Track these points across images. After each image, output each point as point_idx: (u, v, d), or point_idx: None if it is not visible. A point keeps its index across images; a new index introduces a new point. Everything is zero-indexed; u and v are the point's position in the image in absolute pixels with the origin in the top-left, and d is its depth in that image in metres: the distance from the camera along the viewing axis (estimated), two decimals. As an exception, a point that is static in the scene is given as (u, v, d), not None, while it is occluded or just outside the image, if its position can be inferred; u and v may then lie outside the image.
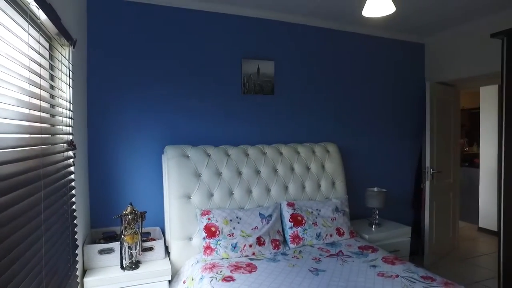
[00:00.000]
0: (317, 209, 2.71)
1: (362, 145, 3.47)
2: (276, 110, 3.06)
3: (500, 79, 2.50)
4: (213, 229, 2.32)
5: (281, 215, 2.64)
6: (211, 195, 2.53)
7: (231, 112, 2.89)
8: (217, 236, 2.30)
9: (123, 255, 2.08)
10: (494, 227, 4.64)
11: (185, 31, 2.73)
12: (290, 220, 2.58)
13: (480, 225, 4.81)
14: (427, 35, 3.68)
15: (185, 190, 2.44)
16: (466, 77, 3.45)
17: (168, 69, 2.69)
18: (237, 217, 2.42)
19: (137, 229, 2.14)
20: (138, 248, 2.15)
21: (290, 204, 2.67)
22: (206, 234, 2.31)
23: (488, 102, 4.72)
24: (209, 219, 2.36)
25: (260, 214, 2.51)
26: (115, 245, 2.11)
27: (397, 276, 1.96)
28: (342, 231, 2.66)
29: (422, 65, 3.83)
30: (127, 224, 2.10)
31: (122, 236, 2.07)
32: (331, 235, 2.60)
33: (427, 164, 3.47)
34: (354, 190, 3.21)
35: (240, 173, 2.65)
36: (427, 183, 3.47)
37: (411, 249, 3.15)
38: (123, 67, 2.56)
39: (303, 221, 2.57)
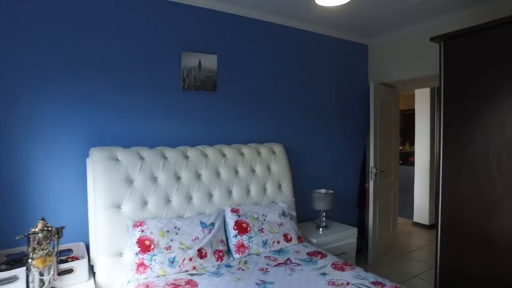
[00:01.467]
0: (263, 214, 2.54)
1: (308, 145, 3.39)
2: (219, 108, 2.83)
3: (439, 81, 2.56)
4: (147, 242, 2.03)
5: (224, 222, 2.43)
6: (145, 203, 2.22)
7: (169, 110, 2.60)
8: (152, 250, 2.01)
9: (31, 284, 1.70)
10: (426, 221, 4.93)
11: (117, 18, 2.38)
12: (235, 227, 2.38)
13: (415, 219, 5.08)
14: (371, 36, 3.72)
15: (114, 199, 2.11)
16: (407, 79, 3.55)
17: (95, 58, 2.32)
18: (175, 227, 2.16)
19: (51, 249, 1.77)
20: (52, 272, 1.78)
21: (234, 210, 2.47)
22: (139, 249, 2.01)
23: (421, 104, 5.00)
24: (142, 231, 2.06)
25: (202, 223, 2.27)
26: (20, 271, 1.72)
27: (348, 284, 1.86)
28: (289, 236, 2.53)
29: (365, 66, 3.89)
30: (36, 244, 1.72)
31: (30, 260, 1.69)
32: (278, 242, 2.45)
33: (371, 164, 3.51)
34: (300, 192, 3.12)
35: (178, 178, 2.39)
36: (371, 183, 3.51)
37: (356, 248, 3.14)
38: (35, 55, 2.14)
39: (249, 228, 2.39)
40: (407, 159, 5.87)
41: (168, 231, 2.11)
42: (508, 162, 2.18)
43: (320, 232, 2.94)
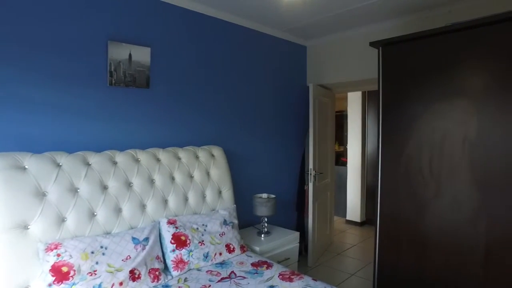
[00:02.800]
0: (203, 224, 2.33)
1: (247, 148, 3.26)
2: (152, 107, 2.53)
3: (377, 85, 2.62)
4: (64, 269, 1.67)
5: (160, 236, 2.16)
6: (63, 220, 1.86)
7: (93, 108, 2.23)
8: (71, 278, 1.67)
9: None
10: (358, 219, 5.17)
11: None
12: (172, 241, 2.12)
13: (348, 218, 5.30)
14: (310, 38, 3.73)
15: (18, 217, 1.70)
16: (345, 82, 3.63)
17: (-9, 43, 1.86)
18: (101, 247, 1.83)
19: None
20: None
21: (171, 222, 2.22)
22: (54, 278, 1.65)
23: (354, 106, 5.23)
24: (58, 255, 1.70)
25: (134, 239, 1.97)
26: None
27: (296, 297, 1.76)
28: (232, 247, 2.36)
29: (304, 67, 3.89)
30: None
31: None
32: (220, 254, 2.26)
33: (310, 165, 3.51)
34: (240, 198, 2.97)
35: (105, 188, 2.05)
36: (311, 185, 3.52)
37: (297, 251, 3.11)
38: None
39: (188, 241, 2.16)
40: (339, 159, 6.12)
41: (92, 252, 1.78)
42: (438, 165, 2.29)
43: (262, 238, 2.83)
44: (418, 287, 2.39)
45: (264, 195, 3.02)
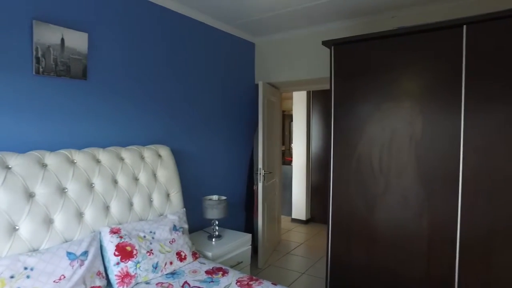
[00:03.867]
0: (151, 232, 2.11)
1: (195, 147, 3.07)
2: (90, 101, 2.22)
3: (329, 84, 2.63)
4: (-24, 297, 1.36)
5: (101, 248, 1.89)
6: (-26, 236, 1.51)
7: (14, 101, 1.87)
8: (-15, 308, 1.36)
9: None
10: (304, 217, 5.27)
11: None
12: (116, 253, 1.87)
13: (293, 216, 5.37)
14: (258, 35, 3.66)
15: None
16: (294, 80, 3.63)
17: None
18: (25, 268, 1.53)
19: None
20: None
21: (115, 231, 1.96)
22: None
23: (299, 105, 5.31)
24: (-33, 280, 1.37)
25: (69, 254, 1.69)
26: None
27: (258, 305, 1.65)
28: (183, 254, 2.17)
29: (252, 64, 3.81)
30: None
31: None
32: (171, 263, 2.07)
33: (260, 165, 3.44)
34: (188, 200, 2.78)
35: (31, 195, 1.73)
36: (260, 185, 3.45)
37: (248, 255, 3.01)
38: None
39: (134, 252, 1.93)
40: (283, 158, 6.19)
41: (12, 277, 1.47)
42: (387, 162, 2.38)
43: (214, 243, 2.67)
44: (368, 280, 2.46)
45: (215, 197, 2.87)
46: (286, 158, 5.97)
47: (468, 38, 2.06)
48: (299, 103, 5.30)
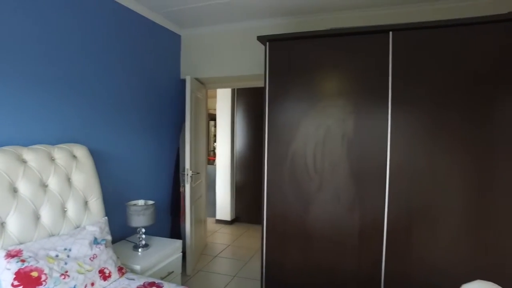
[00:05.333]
0: (65, 249, 1.75)
1: (116, 146, 2.69)
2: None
3: (263, 81, 2.57)
4: None
5: (-3, 277, 1.48)
6: None
7: None
8: None
9: None
10: (228, 218, 5.17)
11: None
12: (16, 282, 1.48)
13: (218, 217, 5.23)
14: (185, 26, 3.42)
15: None
16: (222, 77, 3.48)
17: None
18: None
19: None
20: None
21: (13, 254, 1.55)
22: None
23: (223, 104, 5.18)
24: None
25: None
26: None
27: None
28: (107, 271, 1.85)
29: (178, 58, 3.55)
30: None
31: None
32: (92, 284, 1.73)
33: (187, 165, 3.21)
34: (108, 207, 2.42)
35: None
36: (187, 186, 3.22)
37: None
38: None
39: (43, 277, 1.55)
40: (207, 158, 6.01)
41: None
42: (321, 159, 2.42)
43: (140, 253, 2.37)
44: (304, 278, 2.47)
45: (141, 202, 2.56)
46: (210, 157, 5.79)
47: (394, 44, 2.21)
48: (223, 101, 5.17)
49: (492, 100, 2.08)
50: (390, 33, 2.22)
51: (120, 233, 2.59)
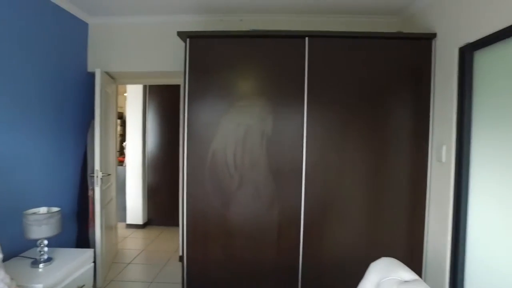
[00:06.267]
0: None
1: (10, 147, 2.29)
2: None
3: (183, 78, 2.50)
4: None
5: None
6: None
7: None
8: None
9: None
10: (140, 221, 4.88)
11: None
12: None
13: (129, 221, 4.88)
14: (94, 14, 3.09)
15: None
16: (137, 72, 3.25)
17: None
18: None
19: None
20: None
21: None
22: None
23: (133, 101, 4.85)
24: None
25: None
26: None
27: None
28: (3, 294, 1.57)
29: (85, 49, 3.19)
30: None
31: None
32: (-16, 310, 1.45)
33: (96, 166, 2.93)
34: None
35: None
36: (97, 189, 2.94)
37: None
38: None
39: None
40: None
41: None
42: (241, 157, 2.48)
43: (42, 270, 2.06)
44: (227, 276, 2.50)
45: (43, 210, 2.23)
46: (119, 158, 5.36)
47: (309, 49, 2.40)
48: (133, 98, 4.85)
49: (387, 106, 2.43)
50: (306, 38, 2.39)
51: (13, 248, 2.21)
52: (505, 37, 1.79)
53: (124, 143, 5.42)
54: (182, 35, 2.47)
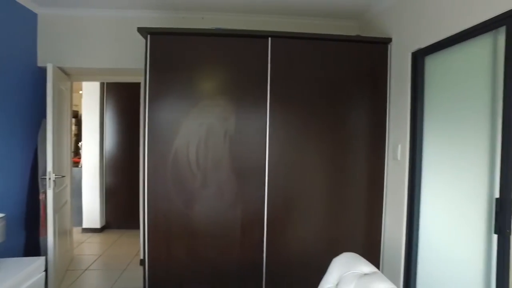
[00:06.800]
0: None
1: None
2: None
3: (144, 76, 2.42)
4: None
5: None
6: None
7: None
8: None
9: None
10: (98, 225, 4.66)
11: None
12: None
13: (85, 226, 4.63)
14: (44, 5, 2.88)
15: None
16: (95, 68, 3.09)
17: None
18: None
19: None
20: None
21: None
22: None
23: (90, 99, 4.61)
24: None
25: None
26: None
27: None
28: None
29: (34, 41, 2.97)
30: None
31: None
32: None
33: (49, 168, 2.74)
34: None
35: None
36: (50, 192, 2.75)
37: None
38: None
39: None
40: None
41: None
42: (204, 156, 2.45)
43: (-15, 280, 1.91)
44: (190, 277, 2.45)
45: (-15, 216, 2.05)
46: (73, 159, 5.07)
47: (272, 49, 2.42)
48: (90, 96, 4.61)
49: (347, 107, 2.52)
50: (269, 38, 2.42)
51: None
52: (451, 44, 1.95)
53: (79, 143, 5.14)
54: (142, 31, 2.39)
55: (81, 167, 4.74)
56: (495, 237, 1.64)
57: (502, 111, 1.61)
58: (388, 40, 2.50)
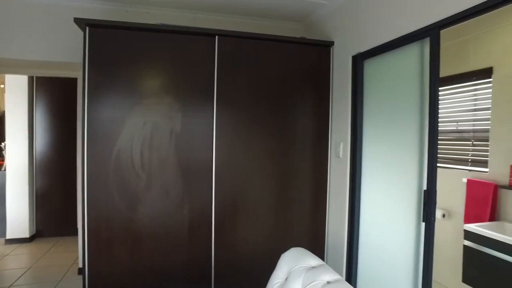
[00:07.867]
0: None
1: None
2: None
3: (82, 71, 2.24)
4: None
5: None
6: None
7: None
8: None
9: None
10: (27, 234, 4.22)
11: None
12: None
13: (9, 236, 4.15)
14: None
15: None
16: (24, 60, 2.77)
17: None
18: None
19: None
20: None
21: None
22: None
23: (15, 95, 4.15)
24: None
25: None
26: None
27: None
28: None
29: None
30: None
31: None
32: None
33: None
34: None
35: None
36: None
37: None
38: None
39: None
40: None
41: None
42: (148, 156, 2.35)
43: None
44: (135, 283, 2.34)
45: None
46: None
47: (219, 48, 2.41)
48: (15, 91, 4.15)
49: (292, 107, 2.60)
50: (216, 37, 2.40)
51: None
52: (386, 50, 2.13)
53: (2, 143, 4.61)
54: (80, 22, 2.21)
55: (5, 170, 4.25)
56: (423, 225, 1.83)
57: (428, 111, 1.79)
58: (331, 43, 2.64)
